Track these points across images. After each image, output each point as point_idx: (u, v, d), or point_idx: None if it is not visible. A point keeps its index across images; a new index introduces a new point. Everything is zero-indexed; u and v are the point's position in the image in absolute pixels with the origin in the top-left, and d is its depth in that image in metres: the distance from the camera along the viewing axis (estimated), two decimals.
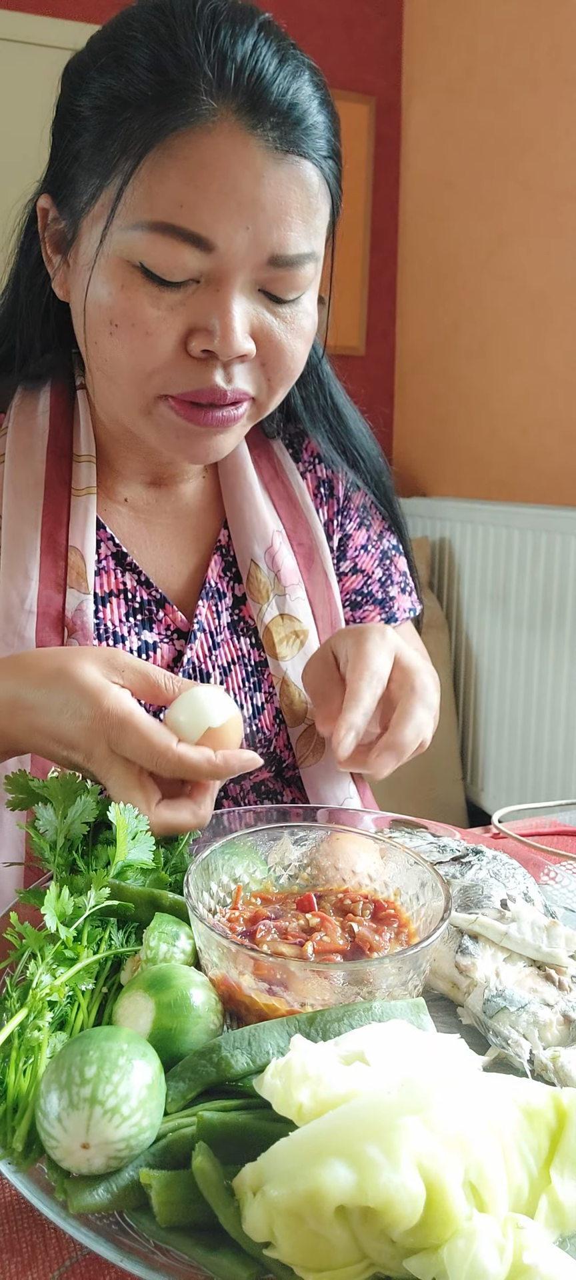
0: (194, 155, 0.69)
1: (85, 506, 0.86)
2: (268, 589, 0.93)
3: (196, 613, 0.91)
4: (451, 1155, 0.41)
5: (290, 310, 0.77)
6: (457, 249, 3.18)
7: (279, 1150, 0.42)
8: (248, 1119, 0.47)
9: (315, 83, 0.74)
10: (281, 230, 0.72)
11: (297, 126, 0.71)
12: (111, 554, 0.89)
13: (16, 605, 0.83)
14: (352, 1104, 0.42)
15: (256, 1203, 0.41)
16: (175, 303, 0.72)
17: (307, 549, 0.97)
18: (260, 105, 0.70)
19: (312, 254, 0.76)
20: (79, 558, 0.85)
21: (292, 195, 0.72)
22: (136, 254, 0.71)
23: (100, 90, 0.72)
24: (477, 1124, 0.42)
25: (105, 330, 0.75)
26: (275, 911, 0.62)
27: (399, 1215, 0.39)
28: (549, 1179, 0.43)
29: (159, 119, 0.69)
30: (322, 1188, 0.39)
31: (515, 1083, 0.46)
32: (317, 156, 0.74)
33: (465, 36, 3.09)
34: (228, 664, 0.92)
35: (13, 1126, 0.48)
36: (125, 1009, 0.53)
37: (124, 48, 0.71)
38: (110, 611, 0.88)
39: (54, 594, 0.84)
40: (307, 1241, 0.40)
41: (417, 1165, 0.40)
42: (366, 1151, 0.40)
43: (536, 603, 2.73)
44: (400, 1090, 0.43)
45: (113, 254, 0.73)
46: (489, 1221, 0.40)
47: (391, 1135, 0.40)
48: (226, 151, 0.69)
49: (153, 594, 0.89)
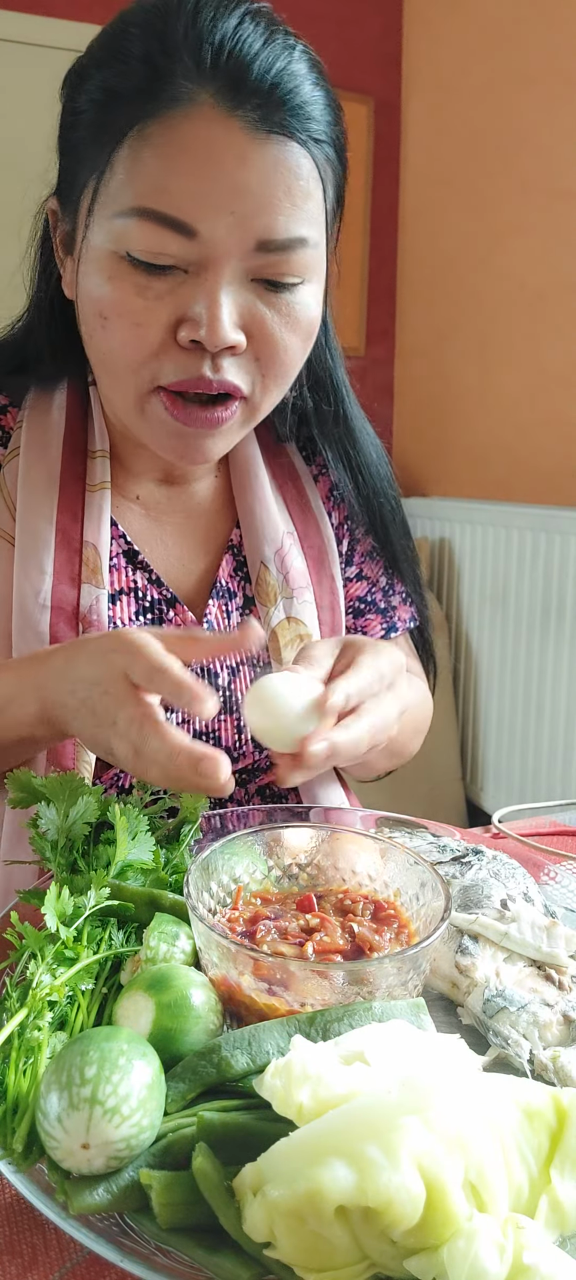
0: (173, 139, 0.69)
1: (100, 502, 0.86)
2: (276, 592, 0.92)
3: (207, 612, 0.90)
4: (451, 1155, 0.41)
5: (286, 300, 0.75)
6: (457, 248, 3.18)
7: (279, 1150, 0.42)
8: (248, 1119, 0.47)
9: (309, 64, 0.73)
10: (269, 214, 0.71)
11: (282, 106, 0.70)
12: (123, 552, 0.89)
13: (31, 599, 0.83)
14: (353, 1104, 0.42)
15: (256, 1203, 0.41)
16: (163, 291, 0.72)
17: (318, 552, 0.96)
18: (240, 86, 0.69)
19: (306, 239, 0.74)
20: (94, 552, 0.85)
21: (279, 177, 0.71)
22: (122, 243, 0.71)
23: (97, 86, 0.73)
24: (477, 1124, 0.42)
25: (97, 323, 0.75)
26: (275, 912, 0.62)
27: (399, 1215, 0.39)
28: (549, 1179, 0.43)
29: (141, 106, 0.69)
30: (323, 1188, 0.39)
31: (515, 1083, 0.46)
32: (306, 137, 0.72)
33: (464, 35, 3.09)
34: (236, 664, 0.91)
35: (13, 1127, 0.48)
36: (125, 1009, 0.53)
37: (121, 42, 0.72)
38: (120, 609, 0.87)
39: (68, 589, 0.84)
40: (308, 1242, 0.40)
41: (417, 1165, 0.40)
42: (366, 1151, 0.40)
43: (536, 603, 2.73)
44: (400, 1090, 0.43)
45: (101, 246, 0.73)
46: (489, 1221, 0.40)
47: (391, 1135, 0.40)
48: (205, 134, 0.68)
49: (163, 593, 0.89)
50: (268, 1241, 0.41)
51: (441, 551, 3.13)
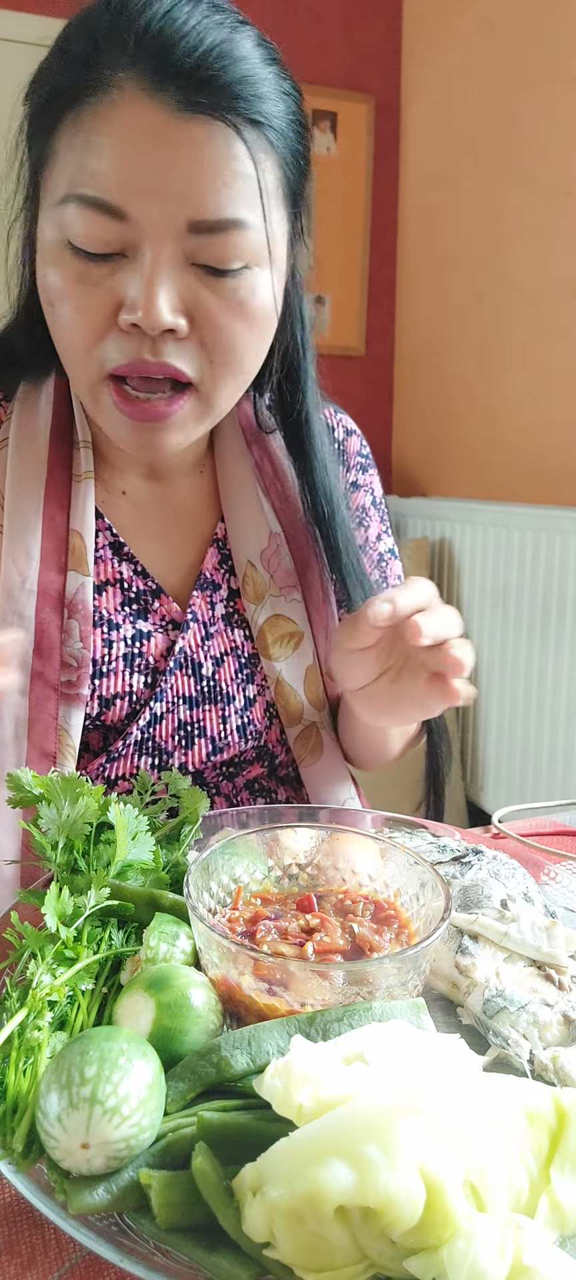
0: (98, 125, 0.70)
1: (85, 491, 0.87)
2: (264, 590, 0.93)
3: (191, 603, 0.91)
4: (451, 1156, 0.41)
5: (230, 285, 0.74)
6: (457, 248, 3.18)
7: (278, 1151, 0.42)
8: (248, 1119, 0.47)
9: (255, 43, 0.73)
10: (196, 195, 0.70)
11: (207, 85, 0.69)
12: (109, 544, 0.90)
13: (17, 584, 0.84)
14: (352, 1104, 0.42)
15: (256, 1203, 0.41)
16: (102, 276, 0.73)
17: (305, 554, 0.96)
18: (162, 68, 0.69)
19: (242, 221, 0.73)
20: (79, 540, 0.86)
21: (205, 156, 0.70)
22: (64, 231, 0.73)
23: (45, 91, 0.75)
24: (478, 1125, 0.42)
25: (49, 312, 0.77)
26: (275, 912, 0.62)
27: (398, 1215, 0.39)
28: (549, 1179, 0.43)
29: (73, 97, 0.72)
30: (322, 1188, 0.39)
31: (515, 1083, 0.46)
32: (237, 119, 0.71)
33: (464, 35, 3.09)
34: (220, 654, 0.92)
35: (13, 1127, 0.48)
36: (125, 1009, 0.53)
37: (64, 42, 0.75)
38: (106, 599, 0.88)
39: (55, 575, 0.85)
40: (307, 1242, 0.40)
41: (417, 1166, 0.40)
42: (366, 1152, 0.40)
43: (536, 603, 2.72)
44: (400, 1091, 0.43)
45: (49, 237, 0.75)
46: (489, 1222, 0.40)
47: (391, 1135, 0.40)
48: (129, 118, 0.70)
49: (149, 584, 0.90)
50: (267, 1242, 0.41)
51: (441, 551, 3.13)
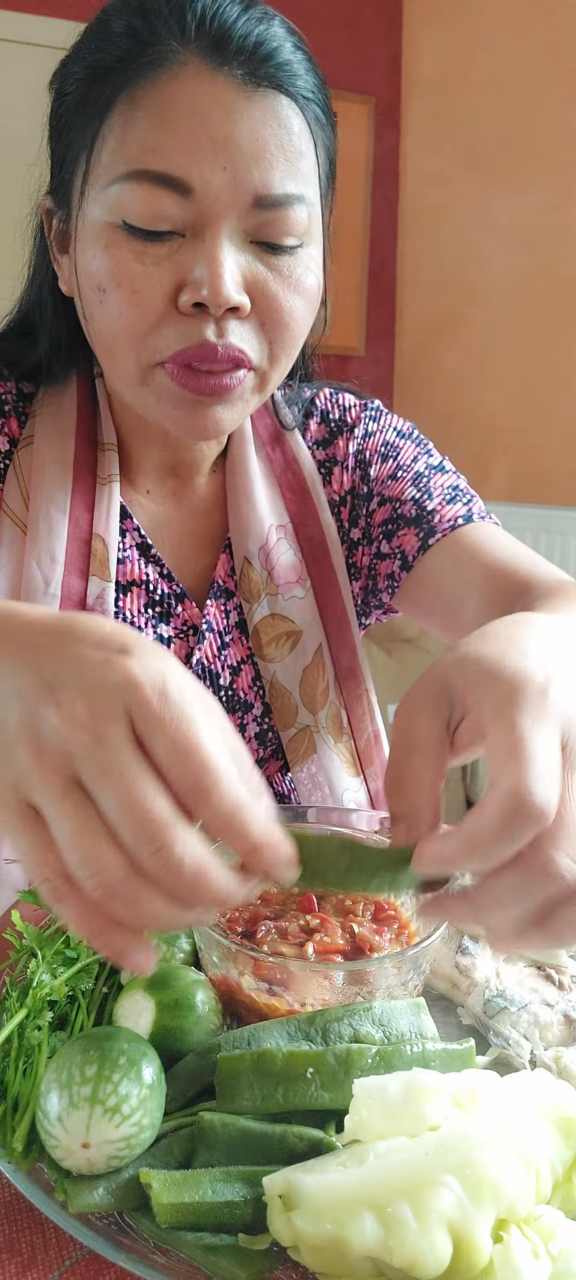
0: (161, 100, 0.69)
1: (108, 494, 0.86)
2: (260, 588, 0.92)
3: (206, 612, 0.90)
4: (483, 1208, 0.40)
5: (288, 262, 0.74)
6: (457, 249, 3.18)
7: (313, 1185, 0.42)
8: (247, 1119, 0.47)
9: (288, 31, 0.74)
10: (262, 168, 0.70)
11: (268, 62, 0.70)
12: (136, 544, 0.89)
13: (40, 588, 0.82)
14: (391, 1158, 0.42)
15: (284, 1217, 0.42)
16: (160, 257, 0.71)
17: (317, 542, 0.95)
18: (224, 46, 0.69)
19: (302, 196, 0.73)
20: (102, 545, 0.85)
21: (270, 131, 0.70)
22: (118, 211, 0.71)
23: (81, 68, 0.74)
24: (512, 1165, 0.42)
25: (96, 298, 0.74)
26: (275, 912, 0.62)
27: (422, 1273, 0.40)
28: (570, 1179, 0.44)
29: (126, 73, 0.70)
30: (350, 1239, 0.40)
31: (549, 1088, 0.47)
32: (295, 93, 0.72)
33: (464, 35, 3.09)
34: (237, 663, 0.91)
35: (13, 1126, 0.48)
36: (125, 1009, 0.53)
37: (102, 25, 0.73)
38: (130, 601, 0.87)
39: (77, 580, 0.84)
40: (331, 1261, 0.41)
41: (447, 1224, 0.40)
42: (397, 1211, 0.40)
43: None
44: (438, 1149, 0.42)
45: (97, 219, 0.72)
46: (514, 1235, 0.41)
47: (425, 1194, 0.40)
48: (193, 91, 0.69)
49: (174, 588, 0.89)
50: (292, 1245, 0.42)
51: None
